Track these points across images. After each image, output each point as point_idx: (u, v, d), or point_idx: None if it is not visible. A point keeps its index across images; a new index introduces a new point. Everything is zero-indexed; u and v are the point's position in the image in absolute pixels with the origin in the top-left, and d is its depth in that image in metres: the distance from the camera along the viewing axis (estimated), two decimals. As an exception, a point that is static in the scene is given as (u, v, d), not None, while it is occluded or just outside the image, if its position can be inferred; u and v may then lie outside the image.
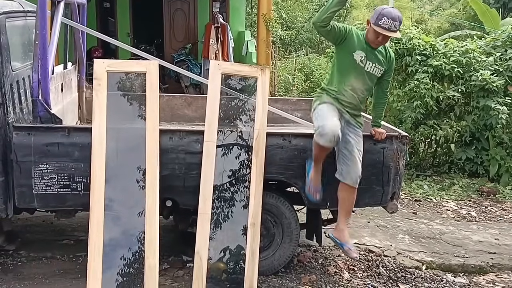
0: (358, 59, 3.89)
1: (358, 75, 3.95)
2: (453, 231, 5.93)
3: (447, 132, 7.77)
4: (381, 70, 4.00)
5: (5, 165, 3.82)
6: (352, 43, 3.89)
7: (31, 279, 4.19)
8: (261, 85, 4.15)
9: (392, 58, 4.06)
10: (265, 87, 4.16)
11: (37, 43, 3.91)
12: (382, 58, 3.98)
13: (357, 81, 3.95)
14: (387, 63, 4.03)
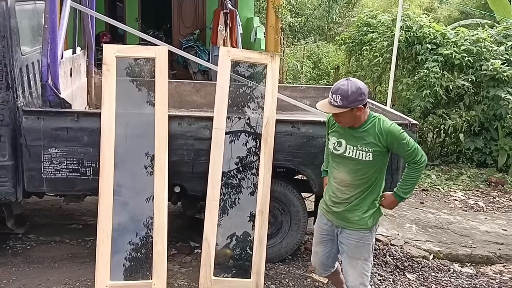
0: (331, 146, 3.23)
1: (338, 164, 3.22)
2: (461, 221, 5.91)
3: (456, 122, 7.73)
4: (370, 152, 3.08)
5: (14, 149, 3.84)
6: (328, 130, 3.34)
7: (40, 262, 4.22)
8: (270, 72, 4.12)
9: (388, 130, 3.07)
10: (274, 74, 4.14)
11: (47, 27, 3.91)
12: (371, 137, 3.08)
13: (339, 172, 3.20)
14: (382, 139, 3.08)
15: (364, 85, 3.08)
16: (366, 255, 3.22)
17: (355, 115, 3.05)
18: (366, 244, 3.21)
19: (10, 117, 3.79)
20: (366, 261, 3.23)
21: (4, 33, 3.71)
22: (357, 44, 9.41)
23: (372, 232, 3.22)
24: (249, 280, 3.88)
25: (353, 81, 3.06)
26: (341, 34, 11.80)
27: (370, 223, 3.16)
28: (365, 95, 3.04)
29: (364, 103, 3.04)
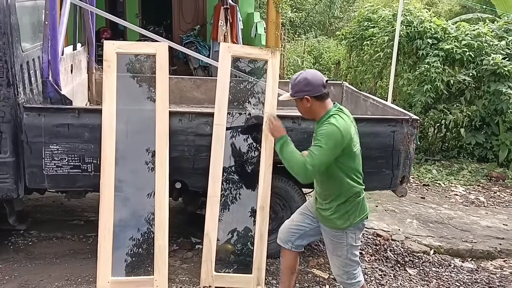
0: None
1: None
2: (462, 216, 5.92)
3: (457, 117, 7.72)
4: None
5: (15, 146, 3.84)
6: None
7: (42, 258, 4.24)
8: (271, 68, 4.12)
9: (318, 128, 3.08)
10: (275, 69, 4.13)
11: (47, 24, 3.91)
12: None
13: None
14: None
15: (316, 77, 3.11)
16: (344, 253, 3.23)
17: (306, 107, 3.10)
18: (339, 243, 3.22)
19: (11, 113, 3.80)
20: (346, 259, 3.24)
21: (5, 30, 3.71)
22: (358, 39, 9.40)
23: (347, 233, 3.18)
24: (250, 276, 3.89)
25: (306, 72, 3.17)
26: (342, 29, 11.80)
27: (340, 224, 3.16)
28: (311, 86, 3.06)
29: (313, 94, 3.07)
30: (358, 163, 3.17)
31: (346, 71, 10.53)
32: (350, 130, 3.06)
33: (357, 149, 3.14)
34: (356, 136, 3.14)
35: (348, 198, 3.14)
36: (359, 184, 3.17)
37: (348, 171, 3.11)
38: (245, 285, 3.88)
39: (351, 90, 5.77)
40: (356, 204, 3.16)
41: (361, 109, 5.22)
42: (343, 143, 3.00)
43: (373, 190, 4.61)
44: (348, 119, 3.13)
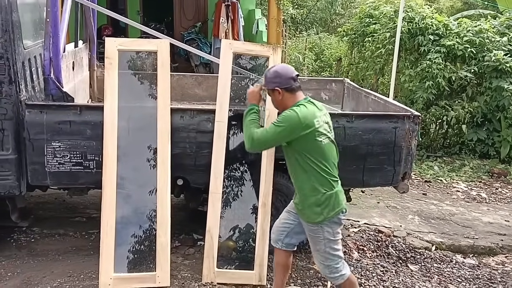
0: None
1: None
2: (463, 212, 5.92)
3: (459, 113, 7.72)
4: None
5: (18, 143, 3.85)
6: None
7: (45, 255, 4.25)
8: (272, 65, 4.11)
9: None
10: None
11: (49, 21, 3.91)
12: None
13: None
14: None
15: (286, 70, 3.28)
16: (322, 248, 3.26)
17: (277, 99, 3.26)
18: (316, 237, 3.25)
19: (13, 111, 3.80)
20: (325, 253, 3.26)
21: (6, 27, 3.72)
22: (360, 36, 9.39)
23: (323, 227, 3.20)
24: (252, 272, 3.90)
25: (278, 65, 3.41)
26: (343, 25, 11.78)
27: (314, 218, 3.20)
28: (281, 78, 3.22)
29: (282, 86, 3.21)
30: (329, 156, 3.19)
31: (347, 67, 10.52)
32: (312, 119, 3.12)
33: (326, 141, 3.18)
34: (324, 127, 3.19)
35: (319, 191, 3.17)
36: (331, 178, 3.18)
37: (317, 163, 3.15)
38: (246, 281, 3.89)
39: (352, 87, 5.76)
40: (328, 198, 3.17)
41: (363, 105, 5.22)
42: (299, 129, 3.09)
43: (375, 186, 4.63)
44: (315, 109, 3.21)
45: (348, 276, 3.33)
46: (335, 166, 3.24)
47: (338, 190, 3.22)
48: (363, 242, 4.83)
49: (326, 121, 3.26)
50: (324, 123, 3.20)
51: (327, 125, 3.24)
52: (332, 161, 3.22)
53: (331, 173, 3.19)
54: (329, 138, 3.21)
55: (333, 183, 3.19)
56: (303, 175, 3.20)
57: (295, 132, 3.10)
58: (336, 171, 3.24)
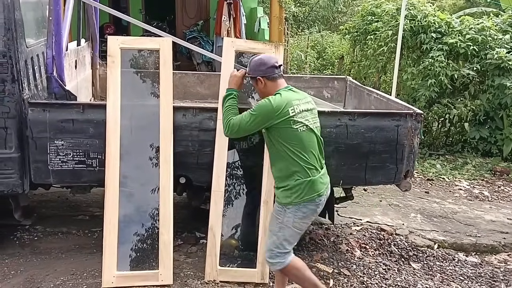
0: None
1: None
2: (466, 210, 5.92)
3: (461, 111, 7.70)
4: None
5: (21, 141, 3.86)
6: None
7: (48, 253, 4.27)
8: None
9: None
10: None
11: (51, 19, 3.91)
12: None
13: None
14: None
15: (269, 60, 3.35)
16: (275, 230, 3.32)
17: (260, 87, 3.37)
18: (276, 218, 3.33)
19: (16, 109, 3.81)
20: (275, 236, 3.31)
21: (9, 26, 3.72)
22: (362, 34, 9.36)
23: (286, 211, 3.25)
24: (254, 270, 3.91)
25: (262, 55, 3.46)
26: (345, 23, 11.76)
27: (281, 199, 3.27)
28: (264, 67, 3.31)
29: (265, 75, 3.31)
30: (305, 145, 3.21)
31: (349, 65, 10.50)
32: (286, 107, 3.17)
33: (302, 129, 3.20)
34: (302, 115, 3.22)
35: (293, 177, 3.21)
36: (306, 165, 3.20)
37: (293, 151, 3.19)
38: (249, 279, 3.90)
39: (354, 85, 5.76)
40: (300, 184, 3.19)
41: (365, 103, 5.22)
42: (272, 117, 3.17)
43: (377, 184, 4.61)
44: (292, 98, 3.25)
45: (289, 263, 3.32)
46: (313, 155, 3.25)
47: (313, 179, 3.21)
48: (366, 240, 4.84)
49: (308, 109, 3.29)
50: (303, 111, 3.24)
51: (308, 113, 3.27)
52: (311, 150, 3.23)
53: (307, 161, 3.20)
54: (307, 126, 3.23)
55: (309, 172, 3.20)
56: (279, 161, 3.26)
57: (269, 120, 3.19)
58: (315, 160, 3.25)
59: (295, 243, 3.36)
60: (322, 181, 3.29)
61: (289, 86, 3.38)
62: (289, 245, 3.32)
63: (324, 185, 3.30)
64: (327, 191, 3.34)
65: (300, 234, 3.35)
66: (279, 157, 3.26)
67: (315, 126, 3.31)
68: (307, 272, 3.41)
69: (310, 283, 3.39)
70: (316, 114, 3.38)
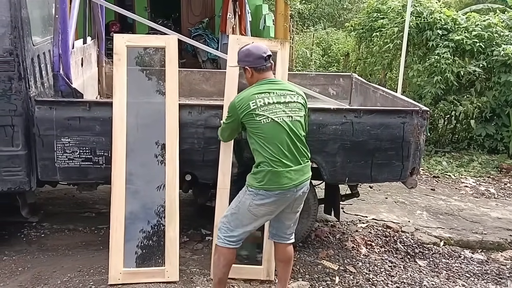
0: None
1: None
2: (472, 207, 5.90)
3: (467, 108, 7.68)
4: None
5: (28, 139, 3.87)
6: None
7: (55, 250, 4.29)
8: (280, 60, 4.10)
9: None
10: (284, 61, 4.12)
11: (57, 17, 3.92)
12: None
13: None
14: None
15: (258, 49, 3.29)
16: (233, 204, 3.36)
17: (248, 77, 3.34)
18: (238, 196, 3.36)
19: (23, 107, 3.82)
20: (230, 209, 3.36)
21: (16, 24, 3.73)
22: (367, 31, 9.35)
23: (247, 191, 3.26)
24: (260, 267, 3.92)
25: (253, 44, 3.40)
26: (351, 20, 11.74)
27: (248, 180, 3.28)
28: (251, 57, 3.27)
29: (252, 65, 3.28)
30: (271, 137, 3.15)
31: (355, 62, 10.48)
32: (247, 101, 3.17)
33: (265, 121, 3.15)
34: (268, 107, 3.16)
35: (258, 164, 3.22)
36: (270, 157, 3.15)
37: (258, 142, 3.18)
38: (254, 276, 3.91)
39: (360, 82, 5.75)
40: (261, 171, 3.17)
41: (371, 100, 5.21)
42: (237, 113, 3.22)
43: (384, 181, 4.60)
44: (260, 90, 3.21)
45: (228, 246, 3.32)
46: (279, 148, 3.15)
47: (276, 171, 3.14)
48: (371, 237, 4.84)
49: (281, 102, 3.20)
50: (272, 104, 3.17)
51: (280, 106, 3.19)
52: (275, 142, 3.15)
53: (271, 153, 3.14)
54: (271, 119, 3.15)
55: (272, 163, 3.14)
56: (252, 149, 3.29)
57: (238, 116, 3.23)
58: (281, 153, 3.16)
59: (246, 229, 3.32)
60: (290, 176, 3.17)
61: (272, 78, 3.32)
62: (239, 227, 3.30)
63: (291, 180, 3.18)
64: (297, 188, 3.23)
65: (254, 221, 3.30)
66: (251, 146, 3.28)
67: (286, 120, 3.18)
68: (227, 270, 3.41)
69: (222, 278, 3.42)
70: (295, 106, 3.26)
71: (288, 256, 3.53)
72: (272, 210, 3.28)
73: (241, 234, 3.33)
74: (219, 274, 3.40)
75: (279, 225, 3.46)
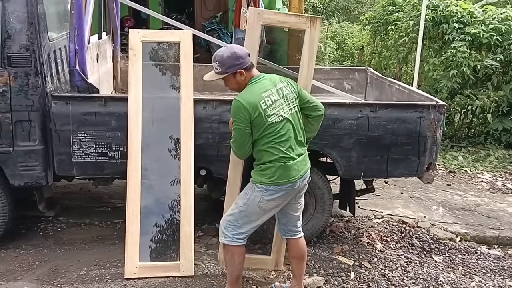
0: None
1: None
2: (488, 203, 5.84)
3: (484, 102, 7.59)
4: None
5: (44, 134, 3.91)
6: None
7: (71, 244, 4.33)
8: (308, 40, 3.76)
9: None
10: (313, 41, 3.76)
11: (73, 13, 3.95)
12: None
13: None
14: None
15: (241, 50, 3.19)
16: (240, 204, 3.29)
17: (239, 81, 3.18)
18: (245, 193, 3.30)
19: (39, 102, 3.86)
20: (237, 210, 3.29)
21: (32, 20, 3.76)
22: (382, 24, 9.27)
23: (255, 188, 3.22)
24: (269, 258, 3.92)
25: (230, 47, 3.22)
26: (365, 14, 11.64)
27: (254, 177, 3.23)
28: (242, 58, 3.15)
29: (244, 67, 3.15)
30: (281, 135, 3.13)
31: (370, 56, 10.41)
32: (257, 100, 3.07)
33: (278, 119, 3.12)
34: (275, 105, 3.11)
35: (266, 160, 3.17)
36: (282, 154, 3.13)
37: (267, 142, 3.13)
38: (263, 266, 3.93)
39: (376, 76, 5.70)
40: (271, 167, 3.15)
41: (387, 95, 5.17)
42: (250, 116, 3.07)
43: (400, 177, 4.57)
44: (263, 87, 3.14)
45: (237, 244, 3.30)
46: (288, 144, 3.17)
47: (285, 165, 3.15)
48: (387, 233, 4.81)
49: (280, 97, 3.17)
50: (276, 101, 3.13)
51: (281, 101, 3.16)
52: (285, 140, 3.15)
53: (282, 151, 3.14)
54: (281, 116, 3.14)
55: (282, 159, 3.14)
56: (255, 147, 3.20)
57: (249, 120, 3.08)
58: (290, 149, 3.17)
59: (254, 224, 3.32)
60: (297, 168, 3.20)
61: (261, 74, 3.25)
62: (248, 223, 3.29)
63: (298, 172, 3.21)
64: (303, 178, 3.25)
65: (263, 215, 3.30)
66: (255, 146, 3.20)
67: (290, 113, 3.19)
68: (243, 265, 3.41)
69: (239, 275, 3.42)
70: (292, 98, 3.23)
71: (301, 252, 3.53)
72: (281, 203, 3.30)
73: (249, 230, 3.34)
74: (236, 272, 3.39)
75: (288, 219, 3.47)
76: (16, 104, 3.82)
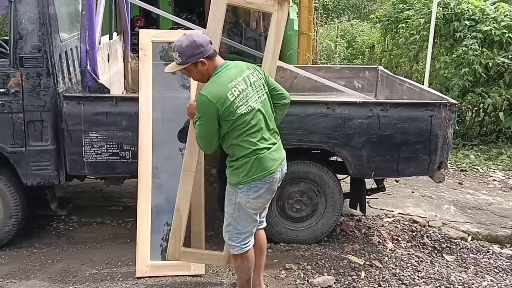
0: None
1: None
2: (500, 202, 5.79)
3: (496, 100, 7.52)
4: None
5: (56, 134, 3.95)
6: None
7: (83, 243, 4.37)
8: (275, 23, 3.52)
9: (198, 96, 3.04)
10: (279, 25, 3.53)
11: (84, 14, 3.98)
12: None
13: None
14: None
15: (202, 37, 3.01)
16: (230, 211, 3.17)
17: (202, 70, 3.00)
18: (229, 199, 3.16)
19: (51, 102, 3.90)
20: (231, 218, 3.17)
21: (44, 21, 3.80)
22: (393, 22, 9.23)
23: (237, 191, 3.08)
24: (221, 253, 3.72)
25: (189, 35, 2.99)
26: (376, 11, 11.59)
27: (232, 180, 3.09)
28: (203, 47, 2.95)
29: (206, 55, 2.96)
30: (252, 126, 2.99)
31: (380, 54, 10.36)
32: (224, 92, 2.90)
33: (247, 109, 2.96)
34: (243, 95, 2.95)
35: (239, 155, 3.02)
36: (253, 147, 2.99)
37: (238, 135, 2.98)
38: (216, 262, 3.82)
39: (386, 74, 5.68)
40: (246, 163, 3.01)
41: (397, 93, 5.15)
42: (216, 110, 2.89)
43: (410, 176, 4.56)
44: (229, 76, 2.97)
45: (247, 250, 3.22)
46: (260, 134, 3.02)
47: (260, 156, 3.01)
48: (398, 232, 4.79)
49: (248, 86, 3.00)
50: (244, 90, 2.97)
51: (249, 90, 2.99)
52: (257, 130, 3.00)
53: (254, 143, 2.99)
54: (250, 106, 2.97)
55: (255, 151, 3.01)
56: (226, 143, 3.06)
57: (215, 114, 2.91)
58: (262, 140, 3.03)
59: (254, 224, 3.22)
60: (273, 157, 3.06)
61: (226, 62, 3.06)
62: (248, 225, 3.18)
63: (275, 161, 3.07)
64: (281, 167, 3.13)
65: (257, 214, 3.20)
66: (226, 140, 3.04)
67: (259, 101, 3.03)
68: (252, 268, 3.33)
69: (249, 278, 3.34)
70: (260, 85, 3.07)
71: (261, 243, 3.44)
72: (268, 198, 3.19)
73: (252, 229, 3.24)
74: (246, 276, 3.33)
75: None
76: (28, 105, 3.86)
